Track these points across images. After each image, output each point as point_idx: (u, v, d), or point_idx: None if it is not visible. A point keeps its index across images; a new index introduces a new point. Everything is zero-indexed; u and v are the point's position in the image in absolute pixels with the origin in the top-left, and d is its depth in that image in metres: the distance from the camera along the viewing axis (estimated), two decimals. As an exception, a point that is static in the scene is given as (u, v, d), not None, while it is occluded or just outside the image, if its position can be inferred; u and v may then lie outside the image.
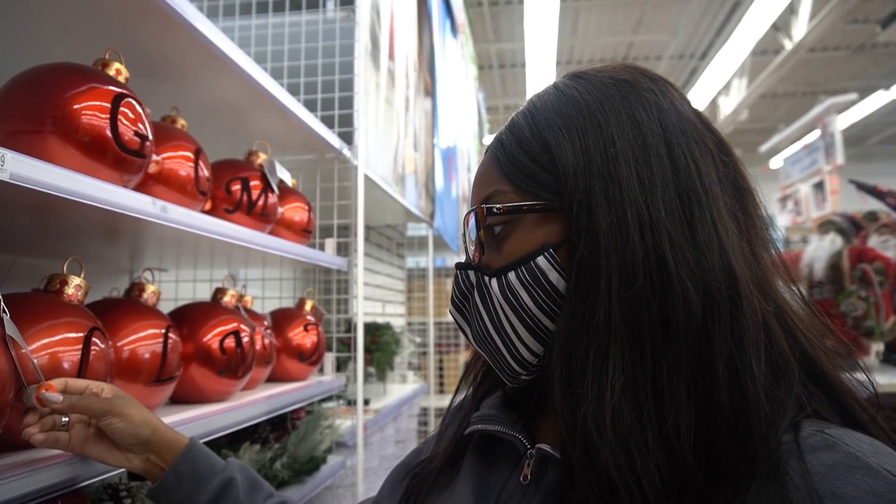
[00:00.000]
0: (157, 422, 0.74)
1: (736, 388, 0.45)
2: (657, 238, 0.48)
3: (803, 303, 0.54)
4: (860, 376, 0.52)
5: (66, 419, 0.68)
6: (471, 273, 0.60)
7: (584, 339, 0.48)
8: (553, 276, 0.53)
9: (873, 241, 1.98)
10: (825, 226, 2.09)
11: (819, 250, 1.93)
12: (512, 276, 0.54)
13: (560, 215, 0.53)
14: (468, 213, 0.60)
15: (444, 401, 3.89)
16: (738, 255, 0.49)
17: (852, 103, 7.18)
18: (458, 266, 0.61)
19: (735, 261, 0.49)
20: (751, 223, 0.54)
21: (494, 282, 0.56)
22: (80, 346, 0.76)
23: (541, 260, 0.53)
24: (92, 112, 0.79)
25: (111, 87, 0.83)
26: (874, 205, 2.56)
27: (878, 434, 0.48)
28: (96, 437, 0.70)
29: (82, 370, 0.76)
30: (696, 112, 0.56)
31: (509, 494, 0.56)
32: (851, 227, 2.02)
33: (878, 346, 2.06)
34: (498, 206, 0.56)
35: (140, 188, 0.93)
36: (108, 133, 0.80)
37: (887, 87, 8.11)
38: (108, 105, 0.81)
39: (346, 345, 1.81)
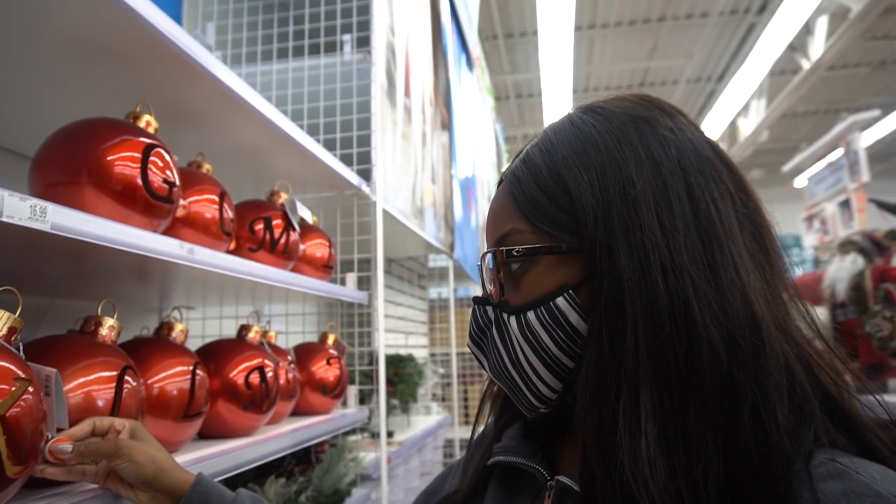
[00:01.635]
0: (164, 462, 0.74)
1: (760, 435, 0.45)
2: (681, 283, 0.48)
3: (818, 336, 0.54)
4: (879, 397, 0.51)
5: None
6: (489, 309, 0.60)
7: (614, 386, 0.48)
8: (573, 317, 0.53)
9: (897, 261, 1.96)
10: (846, 246, 2.07)
11: (840, 271, 1.90)
12: (531, 315, 0.54)
13: (579, 256, 0.53)
14: (486, 253, 0.60)
15: (470, 432, 3.86)
16: (760, 299, 0.49)
17: (875, 120, 7.08)
18: (476, 301, 0.62)
19: (757, 305, 0.48)
20: (769, 262, 0.53)
21: (513, 320, 0.56)
22: (114, 384, 0.80)
23: (560, 301, 0.53)
24: (124, 163, 0.84)
25: (142, 139, 0.88)
26: (898, 223, 2.52)
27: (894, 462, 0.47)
28: (115, 472, 0.73)
29: (115, 407, 0.79)
30: (712, 147, 0.56)
31: None
32: (872, 247, 2.00)
33: (908, 368, 2.02)
34: (517, 248, 0.56)
35: (168, 231, 0.98)
36: (139, 181, 0.85)
37: (911, 103, 8.01)
38: (139, 155, 0.86)
39: (369, 377, 1.84)
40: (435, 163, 2.76)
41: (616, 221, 0.51)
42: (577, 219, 0.53)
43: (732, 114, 8.12)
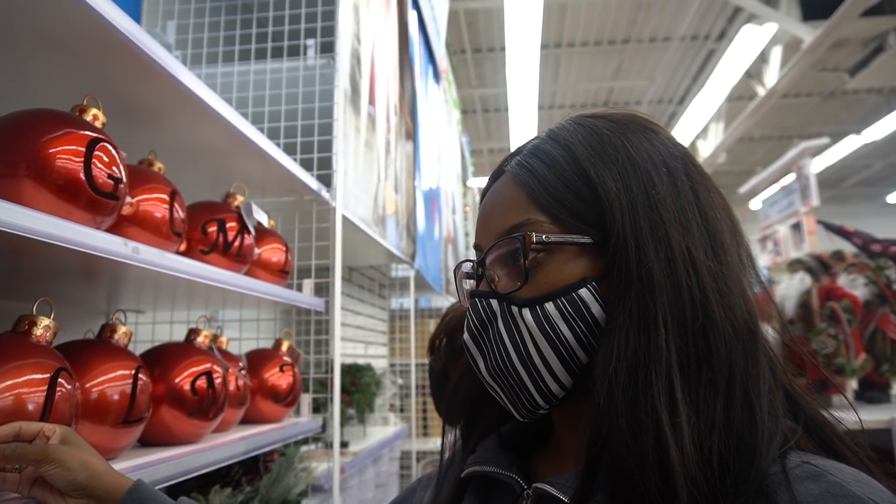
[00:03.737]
0: (99, 467, 0.71)
1: (749, 420, 0.48)
2: (700, 278, 0.51)
3: (788, 341, 0.58)
4: (835, 412, 0.55)
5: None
6: (493, 302, 0.57)
7: (643, 374, 0.49)
8: (595, 308, 0.53)
9: (842, 280, 2.03)
10: (794, 265, 2.15)
11: (789, 289, 1.97)
12: (550, 306, 0.54)
13: (596, 249, 0.54)
14: (496, 243, 0.57)
15: (427, 444, 3.83)
16: (750, 298, 0.54)
17: (825, 147, 7.39)
18: (478, 294, 0.58)
19: (749, 302, 0.53)
20: (744, 268, 0.57)
21: (527, 312, 0.54)
22: (46, 387, 0.76)
23: (584, 292, 0.53)
24: (66, 156, 0.81)
25: (86, 132, 0.85)
26: (846, 244, 2.62)
27: (857, 466, 0.50)
28: (43, 480, 0.69)
29: (47, 411, 0.76)
30: (695, 160, 0.60)
31: None
32: (819, 267, 2.07)
33: (852, 384, 2.09)
34: (547, 235, 0.54)
35: (114, 230, 0.94)
36: (82, 176, 0.82)
37: (859, 132, 8.37)
38: (83, 149, 0.83)
39: (325, 386, 1.81)
40: (398, 172, 2.76)
41: (641, 217, 0.53)
42: (602, 213, 0.54)
43: (692, 136, 8.35)
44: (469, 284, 0.64)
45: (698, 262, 0.52)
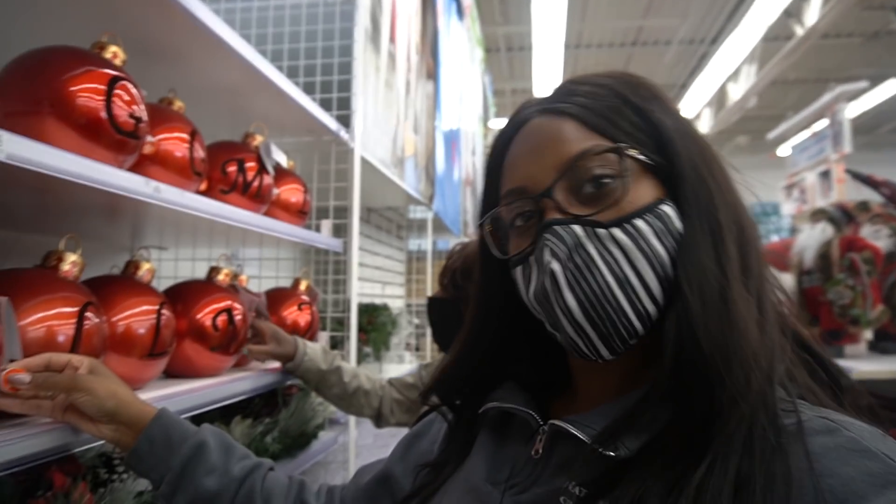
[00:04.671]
0: (125, 395, 0.75)
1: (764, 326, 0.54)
2: (736, 198, 0.58)
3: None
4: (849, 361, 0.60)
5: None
6: (576, 227, 0.54)
7: (727, 281, 0.53)
8: (678, 223, 0.55)
9: (865, 231, 1.99)
10: (817, 215, 2.11)
11: (810, 239, 1.94)
12: (640, 223, 0.54)
13: (658, 172, 0.56)
14: (574, 165, 0.56)
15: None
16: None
17: (863, 91, 7.11)
18: (557, 222, 0.55)
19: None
20: None
21: (618, 231, 0.54)
22: (75, 320, 0.80)
23: (666, 208, 0.55)
24: (88, 94, 0.82)
25: (107, 70, 0.85)
26: (874, 195, 2.56)
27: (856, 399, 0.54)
28: (74, 406, 0.73)
29: (76, 344, 0.79)
30: None
31: (520, 467, 0.59)
32: (843, 217, 2.03)
33: (867, 334, 2.09)
34: (636, 154, 0.55)
35: (135, 169, 0.96)
36: (104, 115, 0.83)
37: (900, 76, 8.01)
38: (104, 87, 0.84)
39: (342, 324, 1.85)
40: (418, 113, 2.72)
41: (692, 144, 0.57)
42: (658, 137, 0.57)
43: (723, 78, 8.07)
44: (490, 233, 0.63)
45: (732, 184, 0.58)
